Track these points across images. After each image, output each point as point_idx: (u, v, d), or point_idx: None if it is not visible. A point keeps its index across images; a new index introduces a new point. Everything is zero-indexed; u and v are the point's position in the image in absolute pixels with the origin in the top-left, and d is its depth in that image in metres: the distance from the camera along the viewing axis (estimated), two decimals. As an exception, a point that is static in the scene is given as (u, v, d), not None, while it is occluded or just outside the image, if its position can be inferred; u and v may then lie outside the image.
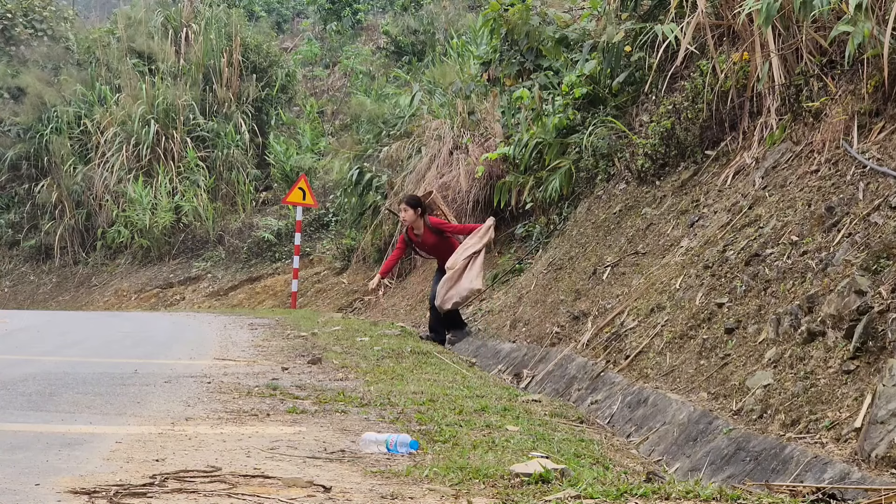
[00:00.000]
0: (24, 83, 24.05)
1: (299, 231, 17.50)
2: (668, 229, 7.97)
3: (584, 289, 8.57)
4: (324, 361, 7.90)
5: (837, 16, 6.39)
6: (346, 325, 11.83)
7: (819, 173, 6.15)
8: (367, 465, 3.85)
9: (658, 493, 3.32)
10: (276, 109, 23.56)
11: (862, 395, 4.11)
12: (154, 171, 21.86)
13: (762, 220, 6.32)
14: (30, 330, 11.12)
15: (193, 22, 24.20)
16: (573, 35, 12.12)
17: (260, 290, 19.89)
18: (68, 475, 3.37)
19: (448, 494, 3.30)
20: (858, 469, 3.69)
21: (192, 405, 5.35)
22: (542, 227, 11.79)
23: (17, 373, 6.52)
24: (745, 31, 7.80)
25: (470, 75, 16.36)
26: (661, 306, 6.71)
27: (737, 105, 7.92)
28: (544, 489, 3.39)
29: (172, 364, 7.50)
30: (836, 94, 6.52)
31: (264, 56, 23.81)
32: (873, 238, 4.92)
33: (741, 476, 4.23)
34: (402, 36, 24.21)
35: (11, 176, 24.01)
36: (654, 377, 6.01)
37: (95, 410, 5.06)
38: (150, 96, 22.32)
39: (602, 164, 10.26)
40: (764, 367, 4.95)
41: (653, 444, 5.26)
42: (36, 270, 23.37)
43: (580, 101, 10.84)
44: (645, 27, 9.48)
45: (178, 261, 21.59)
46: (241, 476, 3.46)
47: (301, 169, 20.94)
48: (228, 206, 22.14)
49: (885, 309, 4.33)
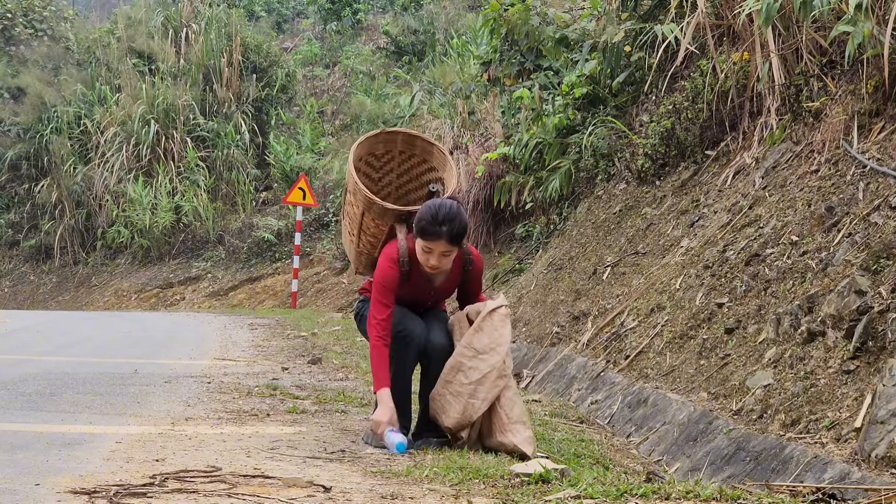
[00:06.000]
0: (24, 83, 24.05)
1: (299, 231, 17.50)
2: (668, 229, 7.97)
3: (584, 289, 8.57)
4: (324, 361, 7.90)
5: (837, 16, 6.38)
6: (346, 325, 11.83)
7: (819, 173, 6.15)
8: (367, 465, 3.85)
9: (658, 493, 3.32)
10: (276, 109, 23.56)
11: (862, 395, 4.11)
12: (154, 171, 21.86)
13: (762, 220, 6.32)
14: (30, 330, 11.12)
15: (193, 22, 24.20)
16: (573, 35, 12.12)
17: (260, 290, 19.89)
18: (68, 475, 3.37)
19: (448, 494, 3.30)
20: (858, 469, 3.69)
21: (192, 405, 5.35)
22: (542, 227, 11.79)
23: (17, 373, 6.53)
24: (745, 31, 7.80)
25: (470, 75, 16.37)
26: (661, 306, 6.71)
27: (737, 105, 7.92)
28: (544, 489, 3.39)
29: (172, 364, 7.50)
30: (836, 94, 6.52)
31: (264, 56, 23.82)
32: (873, 238, 4.92)
33: (741, 476, 4.23)
34: (402, 36, 24.21)
35: (11, 176, 24.01)
36: (654, 377, 6.01)
37: (95, 410, 5.06)
38: (150, 96, 22.32)
39: (602, 164, 10.26)
40: (764, 367, 4.95)
41: (653, 444, 5.26)
42: (36, 270, 23.36)
43: (580, 101, 10.84)
44: (645, 27, 9.48)
45: (178, 261, 21.59)
46: (241, 476, 3.46)
47: (301, 169, 20.95)
48: (228, 206, 22.14)
49: (885, 309, 4.33)
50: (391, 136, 4.91)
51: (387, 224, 4.52)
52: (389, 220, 4.50)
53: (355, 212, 4.61)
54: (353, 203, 4.62)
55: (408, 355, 4.42)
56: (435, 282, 4.52)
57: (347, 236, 4.83)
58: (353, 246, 4.77)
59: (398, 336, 4.38)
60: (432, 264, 4.34)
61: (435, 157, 4.89)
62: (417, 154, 4.93)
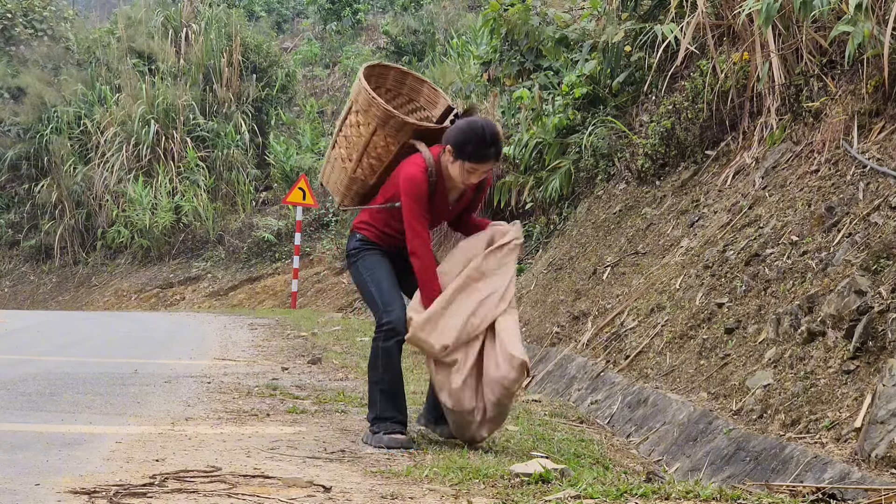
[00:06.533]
0: (24, 83, 24.06)
1: (299, 231, 17.51)
2: (668, 229, 7.97)
3: (584, 289, 8.57)
4: (324, 361, 7.90)
5: (837, 16, 6.38)
6: (346, 325, 11.84)
7: (819, 173, 6.15)
8: (367, 465, 3.85)
9: (658, 493, 3.32)
10: (276, 109, 23.57)
11: (862, 395, 4.11)
12: (154, 171, 21.86)
13: (762, 220, 6.32)
14: (30, 330, 11.12)
15: (193, 22, 24.21)
16: (573, 35, 12.12)
17: (260, 290, 19.90)
18: (68, 475, 3.37)
19: (448, 494, 3.30)
20: (858, 469, 3.69)
21: (192, 405, 5.35)
22: (542, 227, 11.79)
23: (17, 373, 6.53)
24: (745, 31, 7.80)
25: (470, 75, 16.36)
26: (661, 306, 6.71)
27: (737, 105, 7.92)
28: (544, 489, 3.39)
29: (172, 364, 7.50)
30: (836, 94, 6.52)
31: (264, 56, 23.82)
32: (873, 238, 4.92)
33: (741, 476, 4.23)
34: (402, 36, 24.22)
35: (11, 176, 24.02)
36: (654, 377, 6.01)
37: (95, 410, 5.06)
38: (150, 96, 22.32)
39: (602, 164, 10.26)
40: (764, 367, 4.95)
41: (653, 444, 5.26)
42: (36, 270, 23.37)
43: (580, 101, 10.84)
44: (645, 27, 9.48)
45: (178, 261, 21.60)
46: (241, 476, 3.46)
47: (301, 169, 20.96)
48: (228, 206, 22.15)
49: (885, 309, 4.32)
50: (384, 70, 4.88)
51: (399, 141, 4.48)
52: (404, 137, 4.47)
53: (360, 132, 4.53)
54: (360, 123, 4.54)
55: (394, 346, 4.40)
56: (451, 198, 4.54)
57: (339, 164, 4.68)
58: (348, 172, 4.64)
59: (382, 329, 4.38)
60: (473, 181, 4.43)
61: (423, 94, 4.87)
62: (404, 93, 4.90)
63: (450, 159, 4.37)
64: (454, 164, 4.36)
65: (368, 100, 4.47)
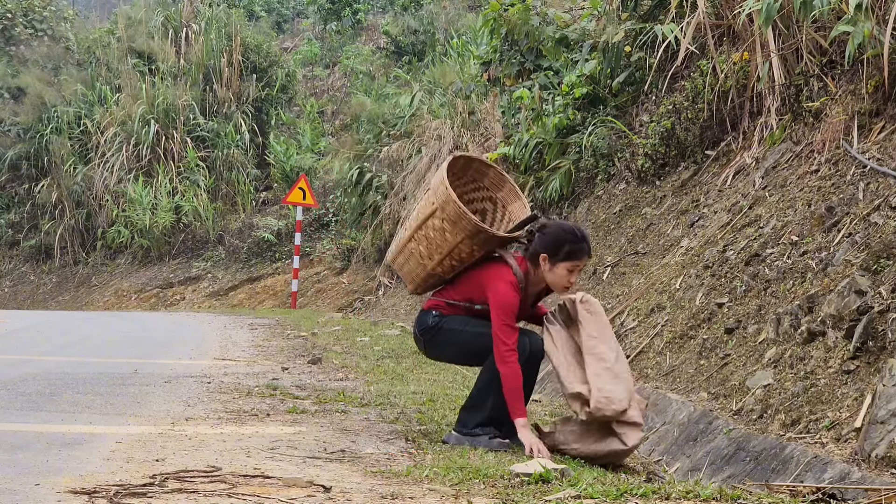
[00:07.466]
0: (24, 83, 24.06)
1: (299, 231, 17.51)
2: (668, 229, 7.97)
3: (584, 289, 8.57)
4: (324, 361, 7.90)
5: (837, 16, 6.39)
6: (346, 325, 11.83)
7: (819, 173, 6.16)
8: (367, 465, 3.85)
9: (658, 493, 3.32)
10: (276, 109, 23.57)
11: (862, 395, 4.11)
12: (154, 171, 21.86)
13: (762, 220, 6.32)
14: (30, 330, 11.12)
15: (193, 22, 24.21)
16: (573, 35, 12.12)
17: (260, 290, 19.90)
18: (68, 475, 3.37)
19: (448, 494, 3.30)
20: (858, 469, 3.70)
21: (192, 405, 5.35)
22: (542, 227, 11.79)
23: (17, 373, 6.52)
24: (745, 31, 7.80)
25: (470, 75, 16.36)
26: (661, 306, 6.71)
27: (737, 105, 7.92)
28: (544, 489, 3.39)
29: (172, 364, 7.50)
30: (836, 94, 6.52)
31: (264, 56, 23.82)
32: (873, 238, 4.92)
33: (741, 476, 4.23)
34: (402, 36, 24.22)
35: (11, 176, 24.02)
36: (654, 377, 6.01)
37: (95, 410, 5.06)
38: (150, 96, 22.32)
39: (602, 164, 10.26)
40: (764, 367, 4.95)
41: (653, 444, 5.26)
42: (36, 270, 23.37)
43: (580, 101, 10.84)
44: (645, 27, 9.48)
45: (178, 261, 21.60)
46: (241, 476, 3.46)
47: (301, 169, 20.96)
48: (228, 206, 22.15)
49: (885, 309, 4.33)
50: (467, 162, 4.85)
51: (484, 250, 4.53)
52: (490, 246, 4.53)
53: (446, 238, 4.52)
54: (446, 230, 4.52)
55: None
56: (531, 300, 4.65)
57: (417, 258, 4.68)
58: (427, 269, 4.65)
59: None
60: (573, 280, 4.50)
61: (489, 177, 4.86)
62: (485, 186, 4.89)
63: (546, 267, 4.44)
64: (552, 270, 4.43)
65: (458, 212, 4.45)
